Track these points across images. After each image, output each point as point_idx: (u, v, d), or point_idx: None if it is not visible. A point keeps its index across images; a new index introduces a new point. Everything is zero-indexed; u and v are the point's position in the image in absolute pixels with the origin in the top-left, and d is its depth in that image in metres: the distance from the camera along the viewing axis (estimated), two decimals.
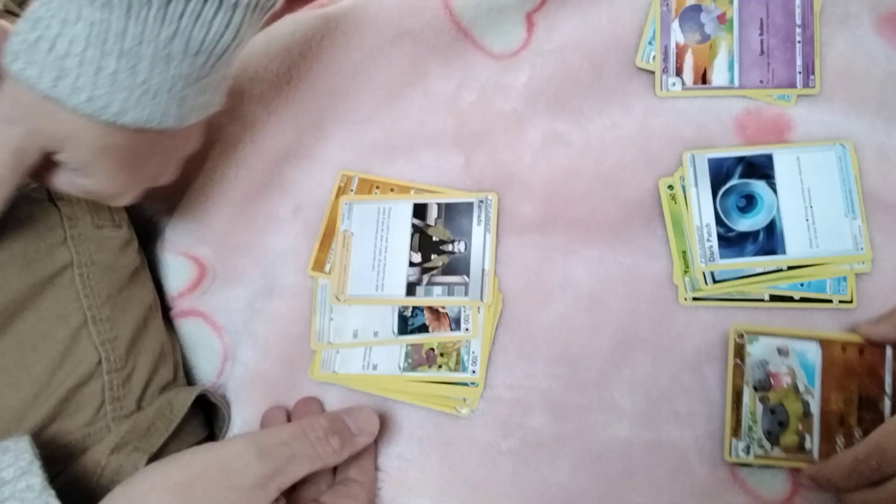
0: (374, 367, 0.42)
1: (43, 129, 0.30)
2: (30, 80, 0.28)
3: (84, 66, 0.28)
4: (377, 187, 0.45)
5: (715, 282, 0.42)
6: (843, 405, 0.39)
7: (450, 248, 0.43)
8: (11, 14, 0.39)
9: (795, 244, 0.41)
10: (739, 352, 0.40)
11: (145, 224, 0.45)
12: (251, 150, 0.44)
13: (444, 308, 0.42)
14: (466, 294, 0.42)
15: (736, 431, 0.40)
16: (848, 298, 0.41)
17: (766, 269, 0.41)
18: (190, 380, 0.44)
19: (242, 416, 0.43)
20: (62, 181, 0.33)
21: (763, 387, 0.40)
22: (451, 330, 0.42)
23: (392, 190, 0.45)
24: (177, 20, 0.28)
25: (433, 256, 0.43)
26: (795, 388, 0.40)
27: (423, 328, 0.42)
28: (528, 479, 0.41)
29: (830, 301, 0.41)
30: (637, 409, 0.41)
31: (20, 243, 0.35)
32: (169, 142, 0.34)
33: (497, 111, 0.45)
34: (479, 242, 0.43)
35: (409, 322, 0.43)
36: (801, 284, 0.41)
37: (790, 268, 0.41)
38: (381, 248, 0.43)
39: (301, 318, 0.44)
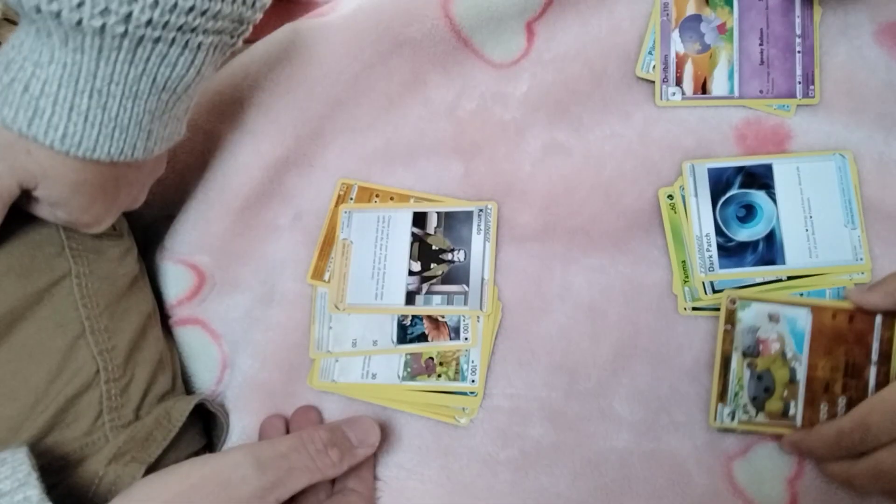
0: (374, 376, 0.42)
1: (21, 166, 0.31)
2: (6, 120, 0.30)
3: (58, 105, 0.30)
4: (377, 196, 0.45)
5: (714, 291, 0.42)
6: (830, 372, 0.39)
7: (449, 256, 0.43)
8: (11, 23, 0.39)
9: (795, 254, 0.41)
10: (731, 317, 0.40)
11: (144, 232, 0.45)
12: (251, 158, 0.44)
13: (443, 317, 0.42)
14: (466, 303, 0.42)
15: (722, 397, 0.40)
16: None
17: (766, 279, 0.41)
18: (188, 388, 0.44)
19: (241, 425, 0.42)
20: (41, 213, 0.35)
21: (752, 353, 0.40)
22: (451, 339, 0.42)
23: (392, 198, 0.45)
24: (144, 62, 0.30)
25: (433, 265, 0.43)
26: (783, 354, 0.40)
27: (423, 337, 0.42)
28: (526, 488, 0.41)
29: None
30: (636, 418, 0.42)
31: (17, 254, 0.35)
32: (137, 172, 0.36)
33: (497, 120, 0.45)
34: (479, 251, 0.43)
35: (409, 331, 0.43)
36: (801, 294, 0.41)
37: (789, 278, 0.41)
38: (380, 256, 0.44)
39: (300, 327, 0.44)
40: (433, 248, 0.43)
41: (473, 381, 0.42)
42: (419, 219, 0.44)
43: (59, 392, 0.35)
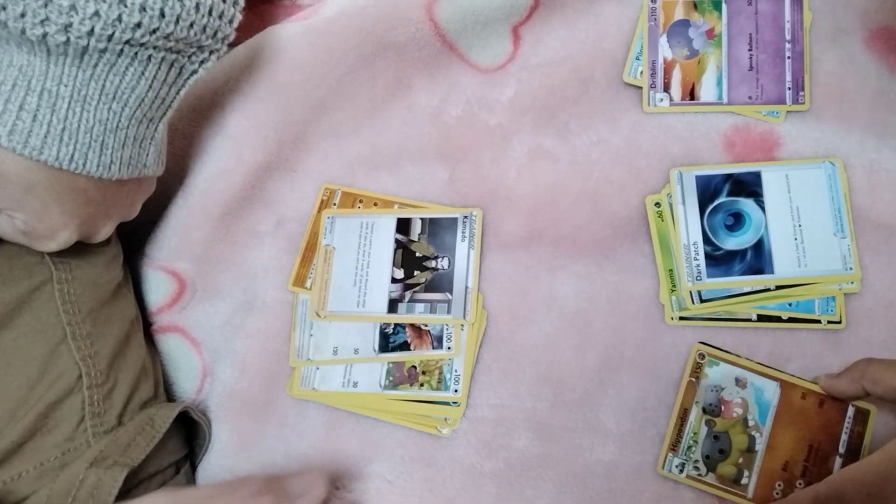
0: (355, 385, 0.42)
1: None
2: None
3: (9, 102, 0.31)
4: (360, 201, 0.45)
5: (702, 301, 0.42)
6: (791, 452, 0.40)
7: (433, 264, 0.43)
8: None
9: (784, 263, 0.41)
10: (696, 371, 0.41)
11: (125, 238, 0.45)
12: (232, 163, 0.44)
13: (426, 326, 0.43)
14: (449, 312, 0.42)
15: (674, 447, 0.40)
16: (837, 319, 0.41)
17: (754, 289, 0.42)
18: (169, 396, 0.44)
19: (221, 435, 0.43)
20: (1, 224, 0.35)
21: (712, 412, 0.40)
22: (434, 348, 0.42)
23: (376, 204, 0.45)
24: (92, 67, 0.31)
25: (416, 272, 0.43)
26: (745, 421, 0.40)
27: (405, 346, 0.42)
28: (511, 501, 0.41)
29: (819, 321, 0.41)
30: (622, 430, 0.42)
31: None
32: (97, 192, 0.36)
33: (482, 125, 0.45)
34: (463, 259, 0.43)
35: (391, 339, 0.43)
36: (790, 304, 0.41)
37: (778, 287, 0.41)
38: (363, 263, 0.44)
39: (281, 334, 0.44)
40: (417, 255, 0.44)
41: (456, 390, 0.42)
42: (403, 225, 0.44)
43: (40, 398, 0.36)
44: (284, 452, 0.42)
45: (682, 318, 0.42)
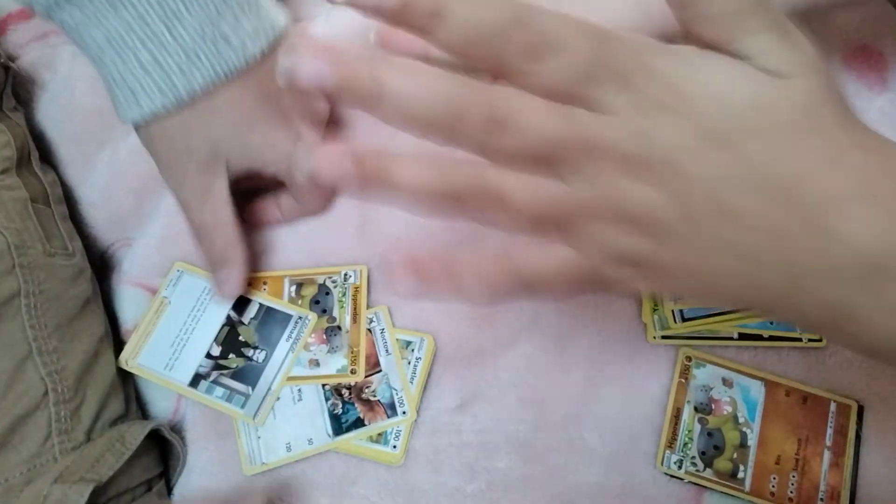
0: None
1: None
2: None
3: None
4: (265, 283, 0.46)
5: (684, 320, 0.44)
6: (782, 446, 0.42)
7: (250, 353, 0.44)
8: None
9: None
10: (685, 372, 0.43)
11: (102, 256, 0.47)
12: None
13: (375, 396, 0.43)
14: (243, 406, 0.43)
15: (671, 444, 0.42)
16: (817, 337, 0.43)
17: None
18: (145, 416, 0.46)
19: (199, 455, 0.44)
20: None
21: (704, 409, 0.42)
22: (388, 416, 0.43)
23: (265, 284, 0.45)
24: None
25: (231, 356, 0.44)
26: (735, 418, 0.42)
27: (359, 422, 0.43)
28: None
29: (800, 340, 0.43)
30: (608, 449, 0.43)
31: None
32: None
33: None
34: (279, 359, 0.44)
35: (343, 419, 0.43)
36: (771, 323, 0.43)
37: None
38: (188, 328, 0.44)
39: None
40: (240, 338, 0.44)
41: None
42: (241, 304, 0.45)
43: (5, 413, 0.37)
44: (264, 473, 0.43)
45: (664, 337, 0.44)
